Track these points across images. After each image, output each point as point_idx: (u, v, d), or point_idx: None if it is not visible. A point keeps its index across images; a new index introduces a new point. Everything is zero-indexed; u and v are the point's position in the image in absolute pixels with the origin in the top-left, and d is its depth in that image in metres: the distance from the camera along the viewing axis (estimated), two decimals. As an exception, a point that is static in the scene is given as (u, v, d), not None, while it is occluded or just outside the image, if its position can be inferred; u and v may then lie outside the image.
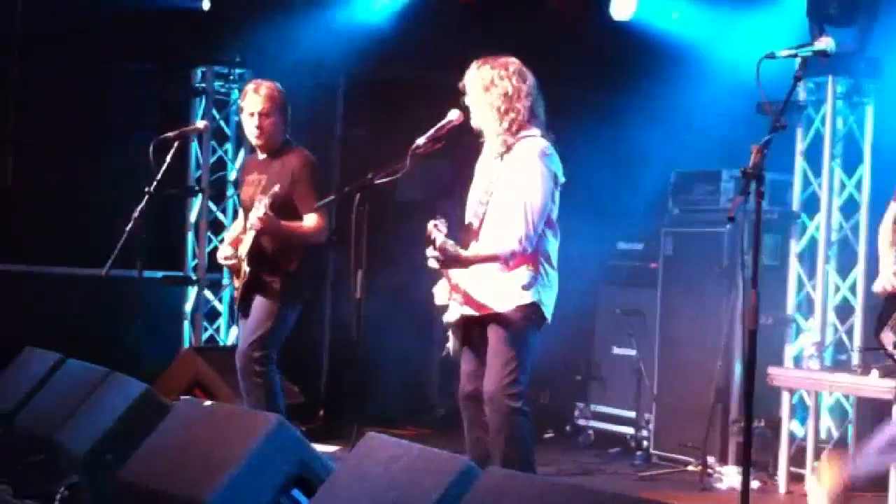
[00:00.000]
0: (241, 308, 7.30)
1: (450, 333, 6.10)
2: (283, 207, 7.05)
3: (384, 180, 6.23)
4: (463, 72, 6.11)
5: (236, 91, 10.33)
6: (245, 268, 7.10)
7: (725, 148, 8.79)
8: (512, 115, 5.94)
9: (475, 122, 6.07)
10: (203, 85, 10.37)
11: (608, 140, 9.84)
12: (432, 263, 5.85)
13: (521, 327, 5.92)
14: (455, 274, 6.00)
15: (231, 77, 10.37)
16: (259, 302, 7.16)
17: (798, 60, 4.53)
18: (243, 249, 7.12)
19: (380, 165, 6.26)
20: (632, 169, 9.81)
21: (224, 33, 10.04)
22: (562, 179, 6.00)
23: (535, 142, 5.96)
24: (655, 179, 9.49)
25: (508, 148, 5.96)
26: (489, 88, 5.96)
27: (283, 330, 7.20)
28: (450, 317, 6.02)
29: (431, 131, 6.14)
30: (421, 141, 6.15)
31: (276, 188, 6.90)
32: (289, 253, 7.15)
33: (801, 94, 8.46)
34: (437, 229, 5.80)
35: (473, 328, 6.04)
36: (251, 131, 7.26)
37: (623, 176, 9.83)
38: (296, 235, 7.13)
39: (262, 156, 7.35)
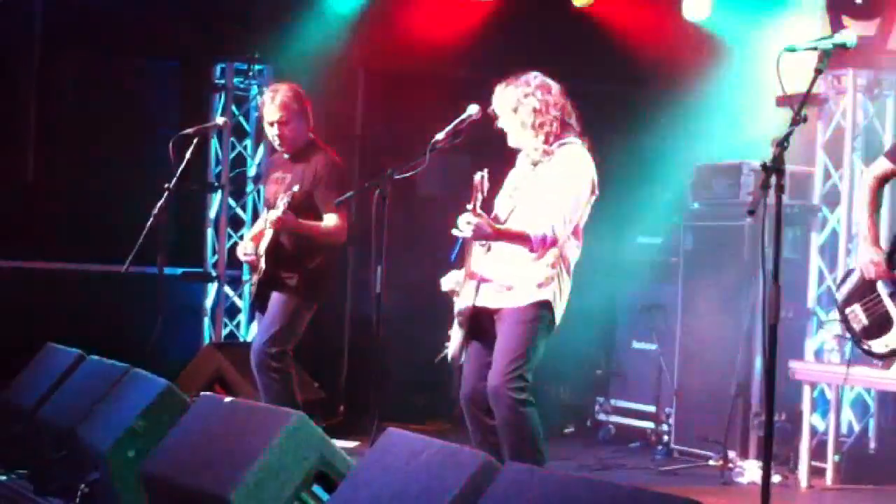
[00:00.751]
0: (257, 304, 7.33)
1: (453, 333, 6.08)
2: (305, 207, 7.10)
3: (404, 175, 6.24)
4: (482, 66, 6.12)
5: (256, 87, 10.34)
6: (262, 264, 7.13)
7: (746, 141, 8.78)
8: (547, 128, 5.97)
9: (513, 143, 6.09)
10: (223, 81, 10.39)
11: (629, 134, 9.81)
12: (463, 229, 5.78)
13: (533, 325, 5.91)
14: (476, 263, 5.99)
15: (251, 73, 10.38)
16: (276, 298, 7.19)
17: (818, 53, 4.51)
18: (262, 246, 7.15)
19: (400, 160, 6.27)
20: (652, 163, 9.79)
21: (243, 29, 10.05)
22: (596, 192, 6.03)
23: (576, 148, 6.01)
24: (676, 173, 9.48)
25: (546, 156, 5.98)
26: (517, 109, 5.99)
27: (299, 327, 7.23)
28: (461, 304, 6.01)
29: (451, 126, 6.15)
30: (440, 136, 6.16)
31: (296, 188, 6.96)
32: (309, 251, 7.18)
33: (822, 87, 8.44)
34: (482, 183, 5.76)
35: (484, 320, 6.03)
36: (273, 140, 7.36)
37: (643, 170, 9.81)
38: (315, 234, 7.17)
39: (287, 155, 7.40)
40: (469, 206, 5.74)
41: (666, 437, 9.11)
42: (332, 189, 7.13)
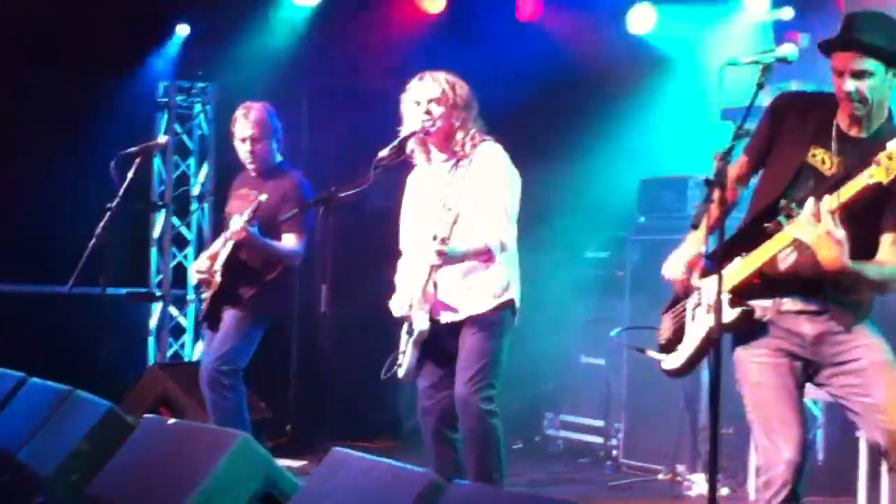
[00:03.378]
0: (208, 321, 7.26)
1: (406, 350, 6.04)
2: (268, 226, 7.04)
3: (348, 193, 6.20)
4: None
5: (199, 105, 10.29)
6: (218, 278, 7.07)
7: (693, 155, 8.79)
8: (470, 124, 5.99)
9: (437, 128, 6.02)
10: (166, 99, 10.32)
11: (574, 148, 9.81)
12: (432, 260, 5.80)
13: (497, 329, 5.94)
14: (437, 279, 5.97)
15: (194, 91, 10.33)
16: (229, 315, 7.15)
17: (760, 67, 4.51)
18: (220, 261, 7.09)
19: (346, 176, 6.23)
20: (599, 177, 9.79)
21: (186, 47, 10.00)
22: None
23: (496, 147, 6.01)
24: (622, 187, 9.48)
25: (466, 156, 5.95)
26: (441, 101, 5.97)
27: (251, 345, 7.19)
28: (421, 325, 5.97)
29: (395, 142, 6.11)
30: (385, 152, 6.12)
31: (263, 197, 6.92)
32: (266, 265, 7.14)
33: (766, 99, 8.45)
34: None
35: (442, 337, 6.00)
36: (244, 156, 7.30)
37: (590, 184, 9.81)
38: (273, 252, 7.12)
39: (255, 173, 7.36)
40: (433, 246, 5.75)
41: (615, 452, 9.11)
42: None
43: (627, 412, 9.01)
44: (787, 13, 8.97)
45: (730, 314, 4.61)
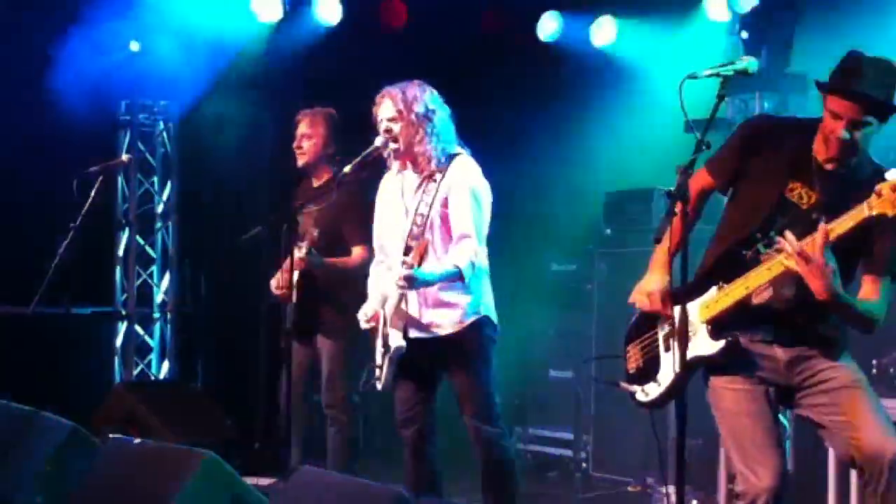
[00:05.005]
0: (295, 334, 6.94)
1: (383, 365, 6.01)
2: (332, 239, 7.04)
3: (311, 209, 6.17)
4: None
5: (161, 123, 10.25)
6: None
7: (660, 167, 8.79)
8: (441, 136, 5.96)
9: (398, 146, 6.01)
10: (128, 117, 10.27)
11: (541, 161, 9.82)
12: (399, 287, 5.80)
13: (479, 344, 5.96)
14: (410, 296, 5.95)
15: (156, 109, 10.28)
16: (325, 346, 7.15)
17: (721, 80, 4.50)
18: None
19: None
20: (565, 190, 9.80)
21: (145, 65, 9.95)
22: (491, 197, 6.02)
23: (468, 160, 5.99)
24: (588, 200, 9.48)
25: (437, 170, 5.92)
26: (397, 119, 5.96)
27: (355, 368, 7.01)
28: (396, 342, 5.94)
29: (358, 159, 6.10)
30: (347, 169, 6.11)
31: (316, 232, 6.88)
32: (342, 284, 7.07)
33: (729, 111, 8.48)
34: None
35: (417, 352, 5.98)
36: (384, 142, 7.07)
37: (556, 197, 9.81)
38: (340, 269, 7.06)
39: (316, 183, 7.29)
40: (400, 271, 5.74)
41: (584, 465, 9.09)
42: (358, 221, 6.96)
43: (596, 425, 9.00)
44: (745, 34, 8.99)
45: (714, 345, 4.61)
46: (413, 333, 5.96)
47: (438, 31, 9.90)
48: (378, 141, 6.05)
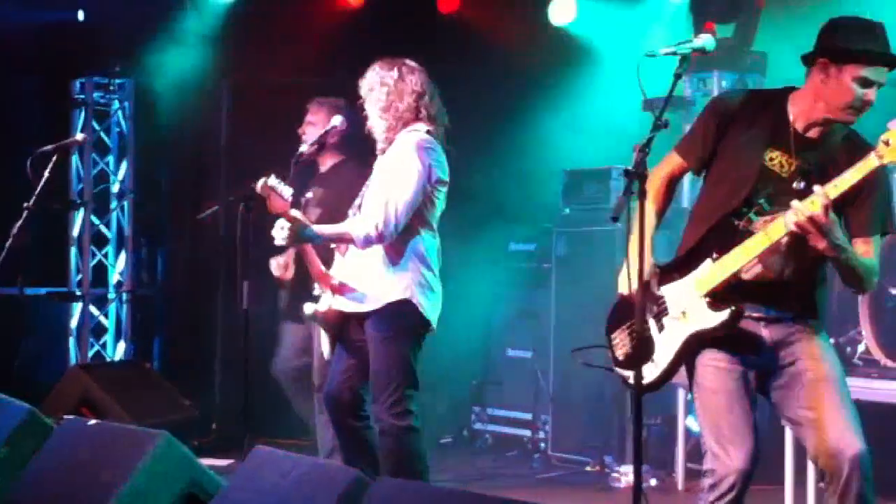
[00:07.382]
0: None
1: (322, 333, 5.99)
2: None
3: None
4: (348, 78, 6.05)
5: (117, 102, 10.17)
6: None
7: (619, 145, 8.79)
8: (393, 112, 5.88)
9: (368, 125, 5.99)
10: (83, 96, 10.18)
11: (497, 141, 9.80)
12: (280, 238, 5.70)
13: (399, 339, 5.80)
14: (335, 267, 5.91)
15: (111, 88, 10.20)
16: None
17: (678, 58, 4.48)
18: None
19: (266, 172, 6.17)
20: (523, 168, 9.78)
21: (103, 44, 9.86)
22: (443, 177, 5.88)
23: (414, 135, 5.88)
24: (547, 179, 9.47)
25: (390, 143, 5.89)
26: (373, 89, 5.93)
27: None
28: (320, 306, 5.91)
29: (315, 138, 6.08)
30: (304, 149, 6.09)
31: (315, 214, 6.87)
32: None
33: (687, 90, 8.48)
34: (266, 188, 5.64)
35: (346, 322, 5.94)
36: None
37: (514, 176, 9.79)
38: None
39: (322, 169, 7.36)
40: (278, 224, 5.66)
41: (543, 445, 9.10)
42: None
43: (555, 405, 9.00)
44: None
45: (717, 317, 4.55)
46: (341, 305, 5.91)
47: (394, 10, 9.85)
48: (336, 120, 6.04)
